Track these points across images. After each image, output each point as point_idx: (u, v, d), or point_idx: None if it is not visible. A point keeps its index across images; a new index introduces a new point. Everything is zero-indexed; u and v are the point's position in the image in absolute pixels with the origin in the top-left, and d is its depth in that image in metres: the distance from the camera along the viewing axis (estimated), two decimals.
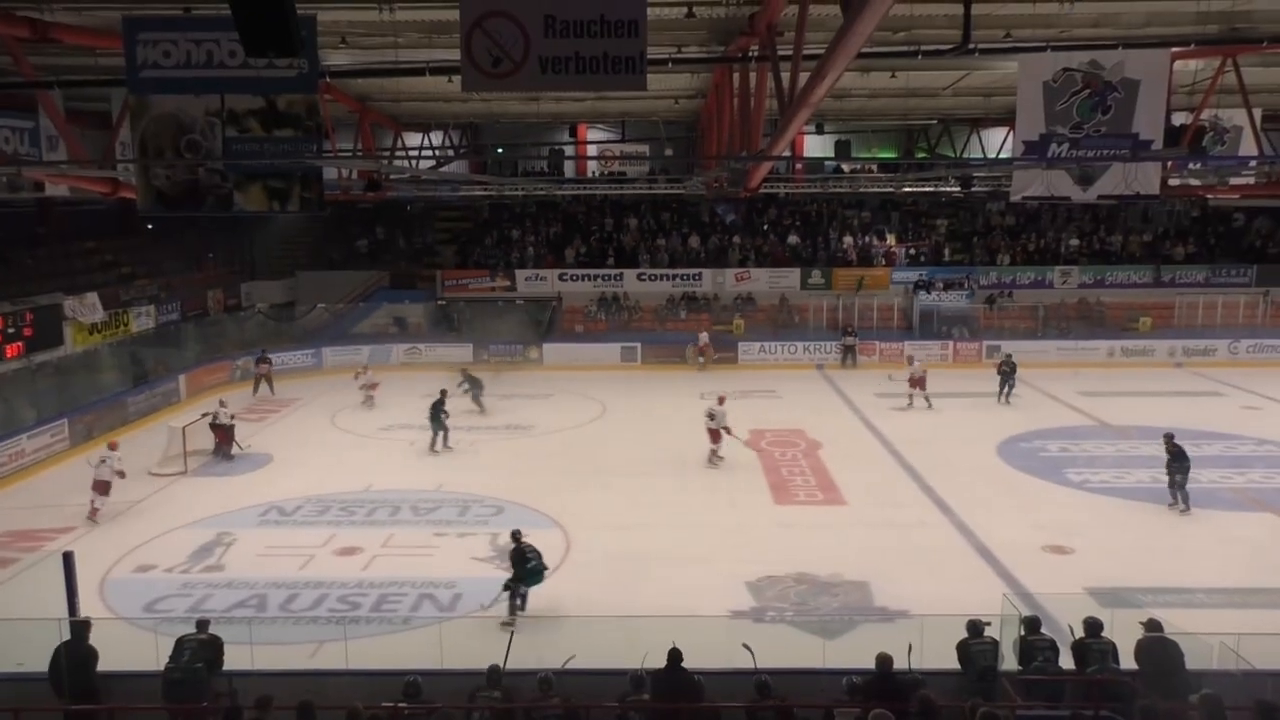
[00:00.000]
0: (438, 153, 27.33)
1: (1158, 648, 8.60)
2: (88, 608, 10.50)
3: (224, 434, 19.98)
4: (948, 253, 33.64)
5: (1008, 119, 23.20)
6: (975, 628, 9.02)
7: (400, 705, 8.00)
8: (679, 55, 15.39)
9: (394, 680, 8.46)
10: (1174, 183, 19.09)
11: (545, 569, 12.36)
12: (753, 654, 8.71)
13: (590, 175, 35.20)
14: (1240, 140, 18.19)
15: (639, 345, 30.21)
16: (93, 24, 13.06)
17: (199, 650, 9.05)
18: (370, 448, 21.00)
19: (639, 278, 32.85)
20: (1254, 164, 18.54)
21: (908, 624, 11.38)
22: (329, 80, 16.63)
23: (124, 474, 16.71)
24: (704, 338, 29.86)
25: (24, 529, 15.90)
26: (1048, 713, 8.42)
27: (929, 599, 12.00)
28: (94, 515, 16.31)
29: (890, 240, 34.36)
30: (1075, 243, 33.47)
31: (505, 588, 12.19)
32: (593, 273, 32.99)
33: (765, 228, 34.93)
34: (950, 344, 30.11)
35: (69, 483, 18.16)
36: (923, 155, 32.94)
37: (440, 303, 32.58)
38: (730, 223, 35.26)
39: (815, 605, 12.74)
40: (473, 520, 16.16)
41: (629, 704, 8.07)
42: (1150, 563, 13.88)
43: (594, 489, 17.72)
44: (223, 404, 20.79)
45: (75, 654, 9.01)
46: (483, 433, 22.04)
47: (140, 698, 8.80)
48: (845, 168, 34.88)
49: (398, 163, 22.90)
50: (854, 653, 9.72)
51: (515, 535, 12.69)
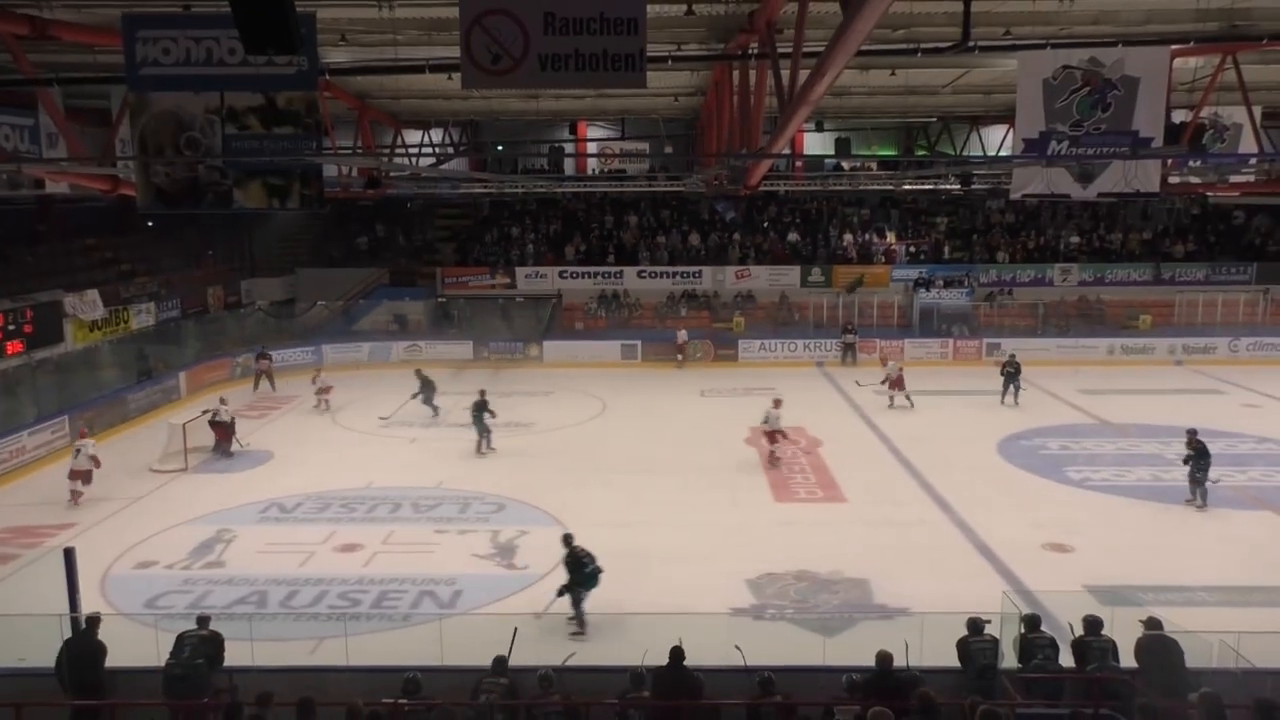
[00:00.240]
0: (438, 150, 27.28)
1: (1157, 646, 8.61)
2: (89, 604, 10.49)
3: (224, 431, 20.02)
4: (947, 250, 33.63)
5: (1007, 116, 23.15)
6: (975, 625, 9.04)
7: (400, 702, 8.01)
8: (679, 53, 15.36)
9: (394, 677, 8.47)
10: (1174, 180, 19.05)
11: (601, 571, 11.85)
12: (743, 654, 8.72)
13: (590, 173, 35.19)
14: (1240, 138, 18.15)
15: (639, 343, 30.22)
16: (92, 21, 13.03)
17: (200, 646, 9.07)
18: (371, 445, 21.01)
19: (639, 275, 32.86)
20: (1254, 161, 18.55)
21: (908, 622, 11.39)
22: (329, 77, 16.59)
23: (99, 461, 17.17)
24: (682, 335, 29.91)
25: (25, 525, 15.93)
26: (1047, 711, 8.43)
27: (929, 597, 12.01)
28: (75, 500, 16.78)
29: (890, 238, 34.35)
30: (1075, 240, 33.46)
31: (561, 593, 11.77)
32: (593, 270, 33.00)
33: (765, 225, 34.92)
34: (950, 342, 30.13)
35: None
36: (922, 153, 32.92)
37: (440, 300, 32.58)
38: (730, 220, 35.26)
39: (815, 603, 12.77)
40: (473, 517, 16.18)
41: (629, 701, 8.09)
42: (1150, 561, 13.89)
43: (594, 486, 17.74)
44: (223, 401, 20.84)
45: (85, 649, 9.05)
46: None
47: (141, 693, 8.81)
48: (845, 165, 34.85)
49: (398, 160, 22.94)
50: (854, 650, 9.73)
51: (567, 539, 12.11)
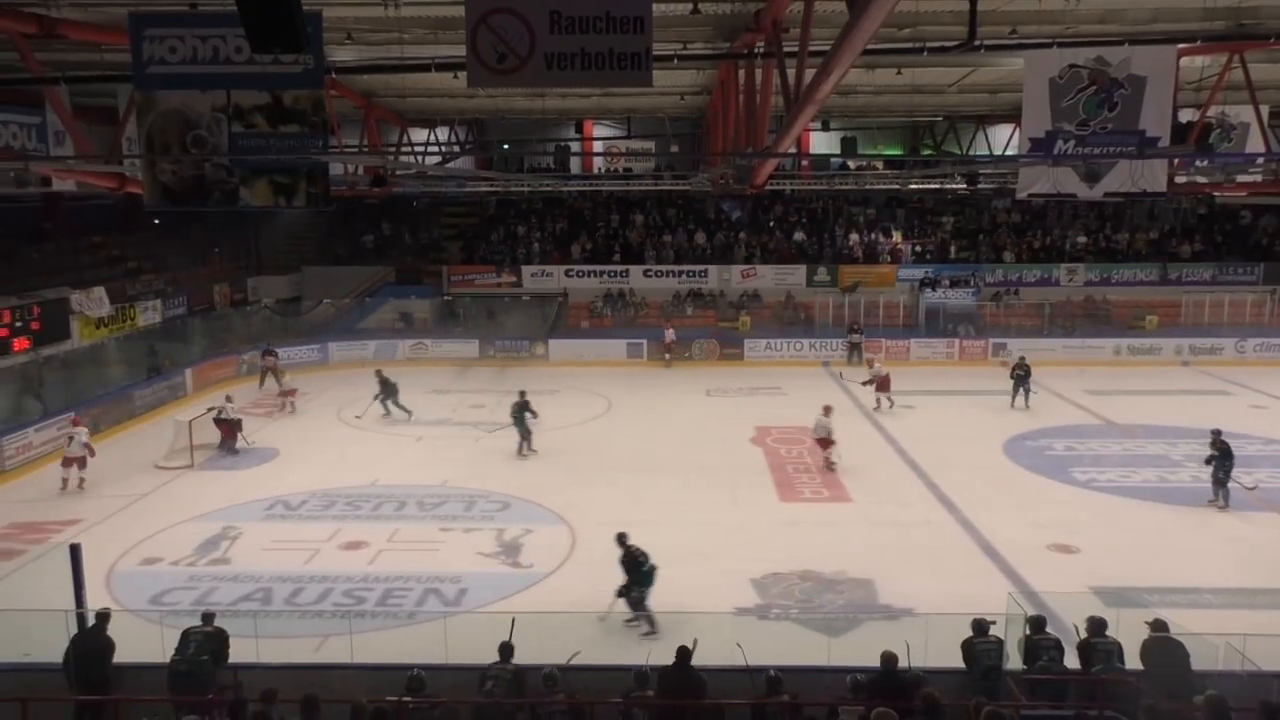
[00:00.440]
0: (443, 149, 27.34)
1: (1163, 648, 8.60)
2: (94, 600, 10.54)
3: (229, 429, 20.05)
4: (953, 250, 33.56)
5: (1014, 116, 23.15)
6: (980, 626, 9.02)
7: (405, 699, 8.02)
8: (685, 52, 15.38)
9: (398, 674, 8.49)
10: (1181, 180, 19.03)
11: (656, 568, 11.88)
12: (744, 653, 8.73)
13: (596, 171, 35.20)
14: (1247, 137, 18.12)
15: (645, 342, 30.19)
16: (99, 20, 13.09)
17: (205, 643, 9.09)
18: (376, 442, 21.03)
19: (645, 274, 32.86)
20: (1261, 161, 18.49)
21: (912, 622, 11.39)
22: (335, 76, 16.63)
23: (92, 449, 17.80)
24: (670, 334, 29.84)
25: (31, 521, 15.98)
26: (1052, 712, 8.42)
27: (933, 597, 12.00)
28: (65, 486, 17.45)
29: (896, 237, 34.28)
30: (1082, 240, 33.37)
31: (620, 594, 11.81)
32: (599, 269, 33.00)
33: (771, 224, 34.89)
34: (956, 342, 30.07)
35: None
36: (928, 152, 32.88)
37: (446, 298, 32.61)
38: (736, 219, 35.24)
39: (820, 603, 12.75)
40: (478, 515, 16.19)
41: (633, 700, 8.09)
42: (1156, 562, 13.86)
43: (600, 485, 17.74)
44: (228, 399, 20.86)
45: (93, 644, 9.08)
46: (488, 428, 22.06)
47: (146, 689, 8.84)
48: (851, 165, 34.83)
49: (404, 158, 22.97)
50: (858, 650, 9.72)
51: (622, 538, 12.08)
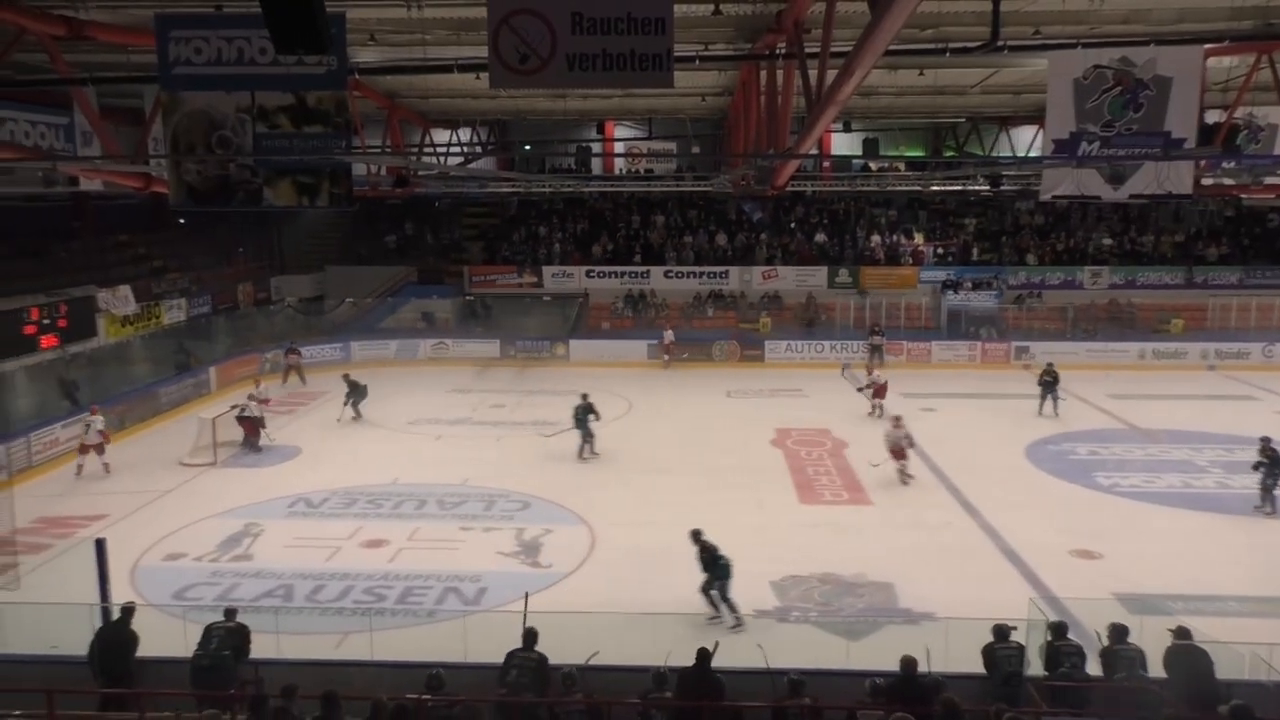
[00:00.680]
0: (465, 149, 27.42)
1: (1187, 656, 8.50)
2: (118, 594, 10.67)
3: (252, 426, 20.21)
4: (976, 252, 33.35)
5: (1037, 117, 22.93)
6: (1001, 632, 8.96)
7: (424, 697, 8.05)
8: (706, 53, 15.34)
9: (418, 672, 8.53)
10: (1207, 182, 18.83)
11: (731, 561, 12.12)
12: (764, 654, 8.72)
13: (617, 172, 35.22)
14: (1275, 138, 17.82)
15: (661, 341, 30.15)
16: (126, 22, 13.20)
17: (226, 638, 9.18)
18: (397, 441, 21.15)
19: (666, 275, 32.86)
20: None
21: (932, 626, 11.33)
22: (358, 77, 16.70)
23: (108, 436, 18.66)
24: (669, 335, 29.73)
25: (57, 516, 16.17)
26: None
27: (954, 601, 11.92)
28: (80, 472, 18.29)
29: (918, 239, 34.12)
30: (1107, 242, 33.06)
31: (706, 592, 12.02)
32: (619, 270, 33.02)
33: (792, 226, 34.80)
34: (978, 344, 29.88)
35: (101, 471, 18.46)
36: (951, 154, 32.67)
37: (468, 298, 32.74)
38: (757, 221, 35.16)
39: (839, 606, 12.71)
40: (498, 515, 16.24)
41: (651, 701, 8.09)
42: (1180, 569, 13.71)
43: (619, 486, 17.77)
44: (251, 397, 21.03)
45: (117, 638, 9.18)
46: (508, 428, 22.14)
47: (169, 683, 8.93)
48: (873, 166, 34.67)
49: (426, 159, 23.07)
50: (878, 654, 9.68)
51: (697, 534, 12.28)
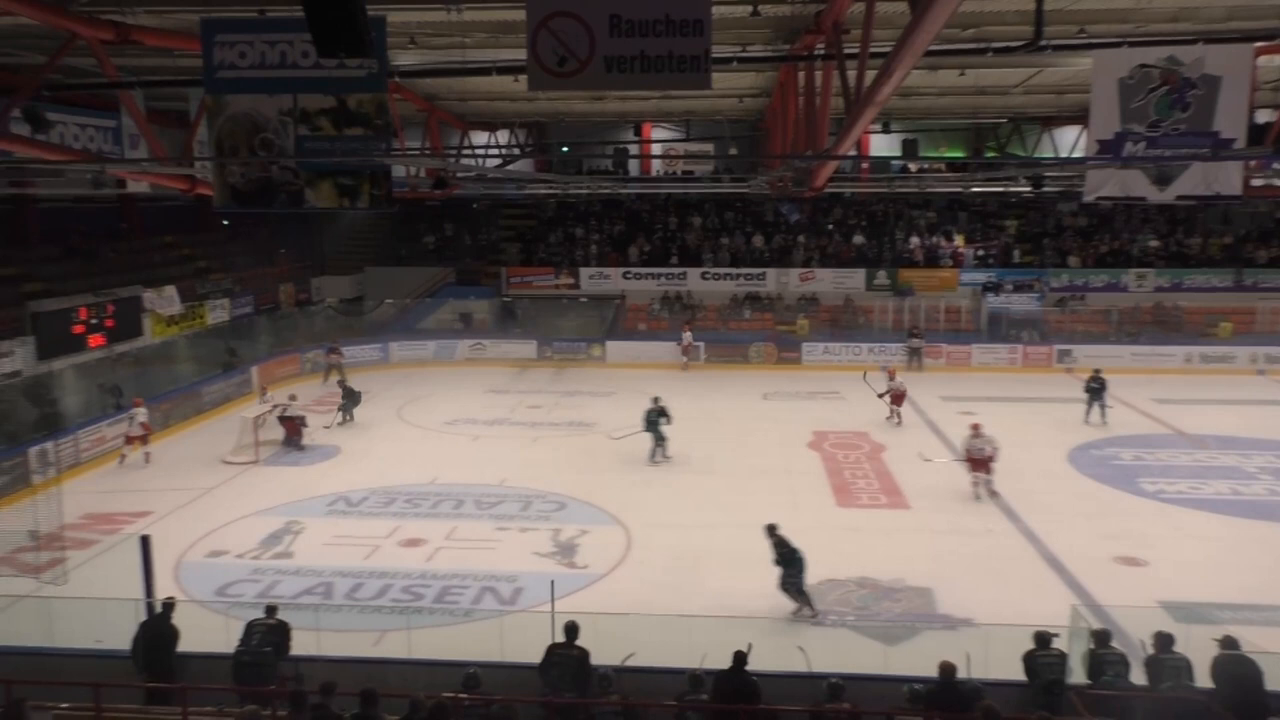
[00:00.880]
0: (503, 151, 27.56)
1: (1235, 666, 8.31)
2: (163, 590, 10.83)
3: (293, 426, 20.44)
4: (1017, 254, 32.90)
5: (1081, 117, 22.58)
6: (1042, 639, 8.83)
7: (460, 696, 8.10)
8: (744, 54, 15.29)
9: (454, 671, 8.58)
10: (1257, 183, 18.47)
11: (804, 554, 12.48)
12: (807, 657, 8.67)
13: (654, 174, 35.22)
14: None
15: (701, 344, 30.07)
16: (172, 26, 13.44)
17: (267, 635, 9.30)
18: (435, 441, 21.31)
19: (702, 277, 32.75)
20: None
21: (972, 633, 11.20)
22: (398, 80, 16.89)
23: (149, 428, 19.45)
24: (687, 337, 29.59)
25: (104, 512, 16.48)
26: None
27: (994, 608, 11.79)
28: (122, 462, 19.15)
29: (958, 241, 33.74)
30: (1153, 244, 32.46)
31: (788, 588, 12.30)
32: (656, 271, 32.98)
33: (830, 227, 34.57)
34: (1019, 347, 29.48)
35: (148, 469, 18.80)
36: (992, 154, 32.29)
37: (505, 299, 32.91)
38: (794, 222, 34.96)
39: (877, 610, 12.61)
40: (535, 515, 16.30)
41: (687, 703, 8.07)
42: (1228, 577, 13.42)
43: (656, 487, 17.76)
44: (292, 397, 21.29)
45: (158, 633, 9.34)
46: (545, 429, 22.22)
47: (211, 678, 9.06)
48: (912, 167, 34.35)
49: (464, 161, 23.18)
50: (916, 660, 9.60)
51: (772, 529, 12.60)
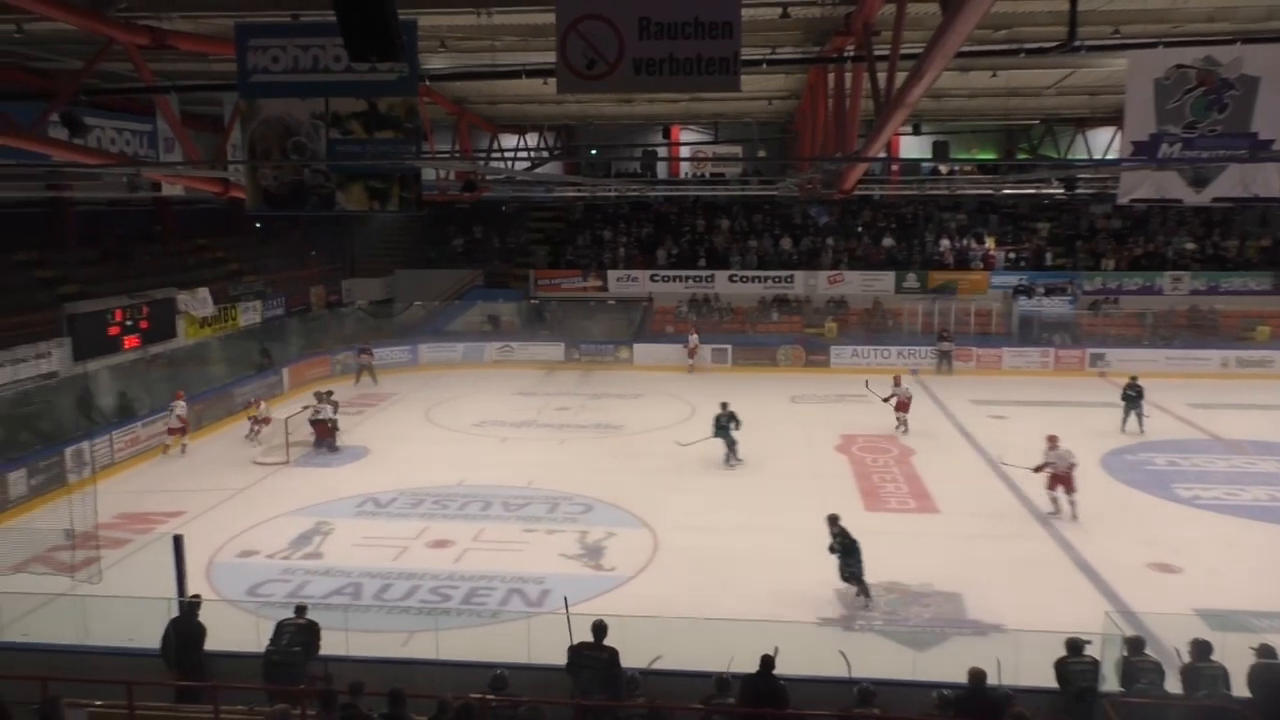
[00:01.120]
0: (532, 154, 27.64)
1: (1272, 675, 8.18)
2: (195, 589, 10.97)
3: (324, 429, 20.57)
4: (1049, 257, 32.55)
5: (1115, 118, 22.27)
6: (1075, 646, 8.73)
7: (488, 697, 8.12)
8: (773, 56, 15.21)
9: (482, 672, 8.62)
10: None
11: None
12: (848, 662, 8.63)
13: (683, 176, 35.18)
14: None
15: (729, 347, 30.07)
16: (207, 31, 13.59)
17: (297, 634, 9.39)
18: (463, 443, 21.41)
19: (730, 279, 32.72)
20: None
21: (1002, 639, 11.10)
22: (428, 83, 16.96)
23: (185, 420, 20.33)
24: (694, 339, 29.54)
25: (138, 511, 16.69)
26: None
27: (1025, 614, 11.67)
28: (166, 452, 20.22)
29: (989, 244, 33.44)
30: (1189, 247, 32.00)
31: (846, 578, 12.63)
32: (684, 274, 32.98)
33: (859, 230, 34.39)
34: (1051, 351, 29.17)
35: (180, 468, 19.04)
36: (1024, 156, 31.95)
37: (533, 302, 33.03)
38: (823, 224, 34.82)
39: (905, 615, 12.52)
40: (562, 518, 16.34)
41: (714, 707, 8.05)
42: (1266, 585, 13.17)
43: (683, 490, 17.73)
44: (321, 399, 21.44)
45: (186, 629, 9.46)
46: (573, 431, 22.27)
47: (241, 677, 9.15)
48: (943, 169, 34.08)
49: (494, 164, 23.28)
50: (945, 666, 9.51)
51: (834, 519, 12.91)
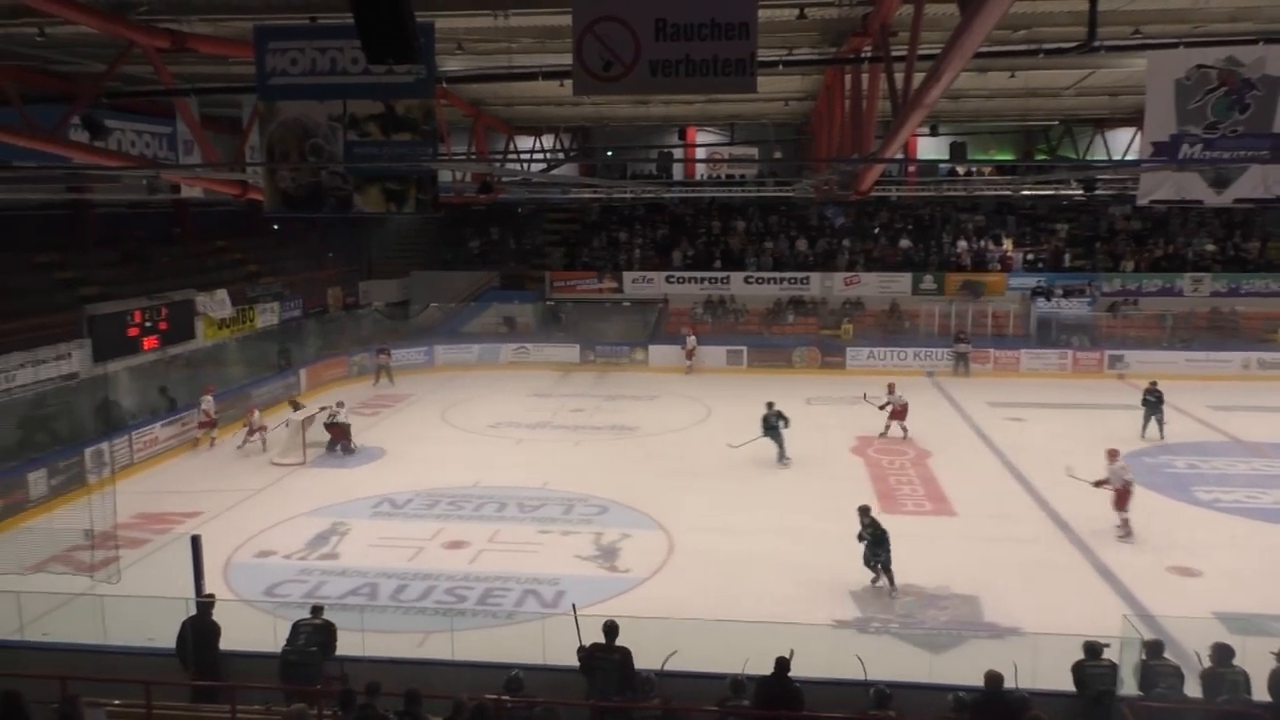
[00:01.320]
0: (548, 156, 27.68)
1: None
2: (212, 589, 11.01)
3: (340, 432, 20.65)
4: (1068, 258, 32.34)
5: (1135, 119, 22.12)
6: (1092, 649, 8.68)
7: (503, 698, 8.13)
8: (790, 57, 15.17)
9: (498, 673, 8.63)
10: None
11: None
12: (863, 665, 8.60)
13: (698, 178, 35.16)
14: None
15: (745, 349, 30.04)
16: (226, 34, 13.68)
17: (314, 635, 9.44)
18: (479, 445, 21.46)
19: (746, 281, 32.68)
20: None
21: (1019, 642, 11.04)
22: (445, 85, 17.02)
23: (210, 414, 21.03)
24: (691, 340, 29.52)
25: (156, 512, 16.81)
26: None
27: (1042, 617, 11.62)
28: (198, 446, 21.04)
29: (1007, 245, 33.26)
30: (1209, 248, 31.73)
31: (873, 566, 12.96)
32: (699, 275, 32.96)
33: (876, 231, 34.28)
34: (1070, 353, 28.98)
35: (198, 469, 19.16)
36: (1043, 157, 31.77)
37: (548, 303, 33.08)
38: (840, 226, 34.74)
39: (922, 618, 12.47)
40: (576, 519, 16.35)
41: (729, 709, 8.04)
42: None
43: (698, 492, 17.72)
44: (339, 404, 21.51)
45: (200, 628, 9.52)
46: (588, 433, 22.28)
47: (258, 676, 9.20)
48: (960, 170, 33.92)
49: (510, 166, 23.32)
50: (961, 669, 9.47)
51: (865, 510, 13.29)
